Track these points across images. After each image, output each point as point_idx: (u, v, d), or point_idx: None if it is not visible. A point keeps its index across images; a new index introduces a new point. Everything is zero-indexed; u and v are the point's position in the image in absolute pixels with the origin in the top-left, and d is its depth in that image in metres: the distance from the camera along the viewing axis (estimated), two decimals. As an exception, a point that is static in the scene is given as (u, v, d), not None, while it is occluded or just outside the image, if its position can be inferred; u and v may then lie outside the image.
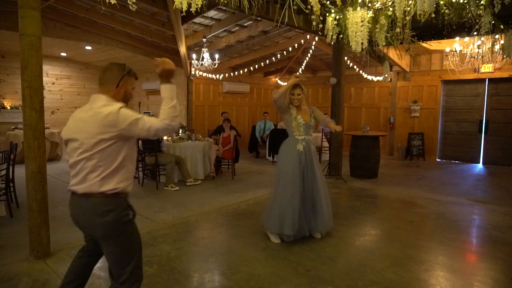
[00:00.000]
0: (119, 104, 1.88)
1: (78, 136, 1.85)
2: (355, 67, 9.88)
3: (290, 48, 9.06)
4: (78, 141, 1.84)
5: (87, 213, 1.86)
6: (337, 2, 4.56)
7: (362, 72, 9.99)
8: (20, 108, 9.14)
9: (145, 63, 9.78)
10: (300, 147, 3.57)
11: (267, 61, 9.76)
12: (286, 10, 4.17)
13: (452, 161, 9.34)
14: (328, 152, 7.85)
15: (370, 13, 4.68)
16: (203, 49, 7.77)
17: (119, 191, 1.89)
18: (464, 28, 4.31)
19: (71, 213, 1.97)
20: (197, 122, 9.99)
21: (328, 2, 4.84)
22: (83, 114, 1.89)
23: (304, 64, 10.11)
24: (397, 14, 4.11)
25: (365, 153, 6.98)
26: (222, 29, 7.64)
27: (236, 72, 10.25)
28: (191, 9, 3.57)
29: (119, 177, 1.88)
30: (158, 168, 6.11)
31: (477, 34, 4.39)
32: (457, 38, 6.38)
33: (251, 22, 7.46)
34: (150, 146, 6.02)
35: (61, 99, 10.62)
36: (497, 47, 4.99)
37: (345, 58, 7.54)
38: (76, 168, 1.87)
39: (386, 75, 6.66)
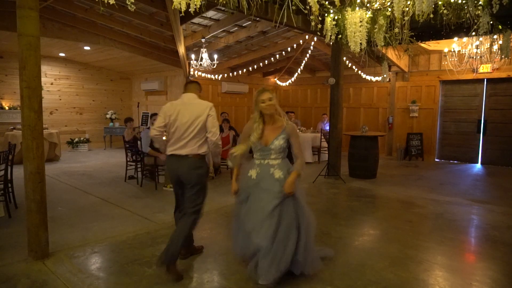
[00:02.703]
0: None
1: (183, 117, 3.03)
2: (353, 67, 9.89)
3: (289, 49, 9.07)
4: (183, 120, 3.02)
5: (186, 167, 3.00)
6: (336, 3, 4.56)
7: (361, 72, 10.01)
8: (18, 108, 9.13)
9: (144, 63, 9.79)
10: (253, 173, 2.86)
11: (266, 61, 9.77)
12: (285, 11, 4.17)
13: (451, 161, 9.36)
14: (327, 152, 7.85)
15: (369, 14, 4.68)
16: (202, 49, 7.77)
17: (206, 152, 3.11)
18: (462, 28, 4.31)
19: (170, 168, 3.12)
20: (196, 122, 9.97)
21: (326, 2, 4.84)
22: (185, 104, 3.09)
23: (303, 64, 10.12)
24: (395, 15, 4.11)
25: (364, 153, 6.99)
26: (221, 30, 7.64)
27: (235, 73, 10.25)
28: (189, 10, 3.56)
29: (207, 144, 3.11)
30: (157, 168, 6.10)
31: (476, 35, 4.40)
32: (456, 39, 6.40)
33: (250, 22, 7.46)
34: (149, 146, 6.00)
35: (60, 99, 10.61)
36: (495, 47, 5.01)
37: (344, 58, 7.55)
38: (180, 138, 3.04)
39: (385, 75, 6.67)
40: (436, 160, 9.58)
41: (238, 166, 2.99)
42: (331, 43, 5.85)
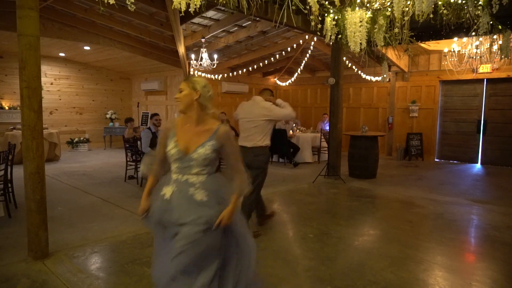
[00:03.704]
0: (270, 103, 3.83)
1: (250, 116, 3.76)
2: (353, 67, 9.89)
3: (289, 49, 9.07)
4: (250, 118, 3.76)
5: (251, 156, 3.63)
6: (336, 3, 4.56)
7: (361, 72, 10.00)
8: (18, 108, 9.12)
9: (144, 63, 9.78)
10: (167, 192, 2.06)
11: (266, 61, 9.76)
12: (285, 11, 4.17)
13: (451, 161, 9.36)
14: (326, 152, 7.85)
15: (369, 14, 4.68)
16: (201, 49, 7.77)
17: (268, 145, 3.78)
18: (462, 28, 4.31)
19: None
20: (196, 122, 9.97)
21: (326, 2, 4.84)
22: (249, 105, 3.86)
23: (302, 64, 10.12)
24: (395, 15, 4.11)
25: (364, 153, 6.99)
26: (221, 30, 7.63)
27: (235, 73, 10.24)
28: (189, 9, 3.56)
29: (269, 138, 3.79)
30: (157, 168, 6.09)
31: (475, 35, 4.40)
32: (455, 39, 6.40)
33: (249, 22, 7.46)
34: (149, 147, 5.99)
35: (60, 99, 10.60)
36: (495, 47, 5.01)
37: (344, 58, 7.55)
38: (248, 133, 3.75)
39: (385, 75, 6.66)
40: (436, 160, 9.58)
41: (154, 175, 2.22)
42: (331, 43, 5.85)
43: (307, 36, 8.34)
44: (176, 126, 2.13)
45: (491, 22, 4.02)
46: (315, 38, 8.42)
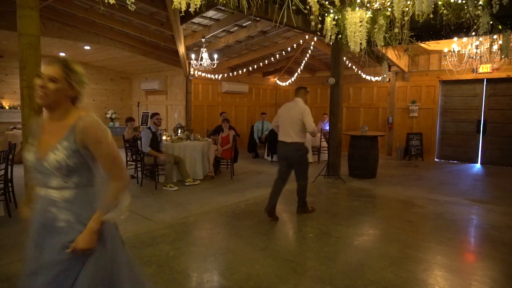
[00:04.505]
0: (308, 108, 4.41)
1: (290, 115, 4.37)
2: (353, 67, 9.89)
3: (289, 48, 9.07)
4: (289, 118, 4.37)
5: (291, 151, 4.34)
6: (336, 3, 4.56)
7: (361, 72, 10.01)
8: (18, 108, 9.12)
9: (144, 63, 9.79)
10: (34, 209, 1.61)
11: (266, 61, 9.77)
12: (285, 10, 4.16)
13: (450, 161, 9.36)
14: (327, 152, 7.86)
15: (369, 14, 4.68)
16: (202, 49, 7.77)
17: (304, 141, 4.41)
18: (462, 28, 4.31)
19: (279, 150, 4.48)
20: (196, 122, 9.99)
21: (326, 2, 4.84)
22: (290, 106, 4.48)
23: (303, 64, 10.12)
24: (395, 15, 4.11)
25: (364, 153, 6.99)
26: (221, 29, 7.63)
27: (235, 72, 10.24)
28: (190, 9, 3.56)
29: (304, 135, 4.38)
30: (157, 168, 6.11)
31: (475, 35, 4.40)
32: (455, 39, 6.40)
33: (250, 22, 7.46)
34: (149, 146, 6.00)
35: (60, 99, 10.58)
36: (495, 47, 5.01)
37: (344, 58, 7.55)
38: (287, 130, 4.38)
39: (385, 75, 6.66)
40: (435, 160, 9.58)
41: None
42: (331, 43, 5.84)
43: (307, 36, 8.34)
44: (43, 122, 1.64)
45: (491, 22, 4.02)
46: (315, 38, 8.42)
